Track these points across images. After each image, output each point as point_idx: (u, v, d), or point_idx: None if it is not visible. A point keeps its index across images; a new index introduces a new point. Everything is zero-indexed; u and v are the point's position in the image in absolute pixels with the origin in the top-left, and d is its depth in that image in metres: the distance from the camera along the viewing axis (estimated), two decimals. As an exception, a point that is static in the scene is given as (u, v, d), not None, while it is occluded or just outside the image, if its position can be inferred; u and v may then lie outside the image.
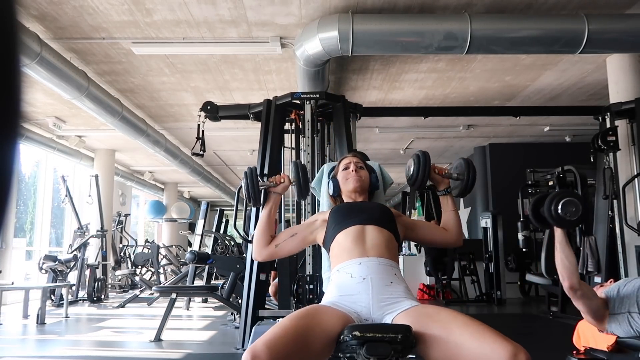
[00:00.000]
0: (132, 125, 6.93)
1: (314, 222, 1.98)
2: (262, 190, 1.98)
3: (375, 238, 1.78)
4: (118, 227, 10.50)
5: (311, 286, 3.67)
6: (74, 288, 7.71)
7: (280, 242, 1.95)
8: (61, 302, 6.94)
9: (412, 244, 9.45)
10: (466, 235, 10.91)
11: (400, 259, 1.80)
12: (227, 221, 10.00)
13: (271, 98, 4.50)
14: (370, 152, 8.94)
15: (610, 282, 2.58)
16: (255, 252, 1.97)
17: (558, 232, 2.26)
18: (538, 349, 3.92)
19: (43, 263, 7.35)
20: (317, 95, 4.36)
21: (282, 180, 2.00)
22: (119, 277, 9.81)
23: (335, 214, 1.91)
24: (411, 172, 2.00)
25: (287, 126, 4.64)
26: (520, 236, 7.44)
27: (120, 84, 6.37)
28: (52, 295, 7.53)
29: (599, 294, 2.42)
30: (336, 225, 1.85)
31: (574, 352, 2.53)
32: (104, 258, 8.90)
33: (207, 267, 7.02)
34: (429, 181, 2.01)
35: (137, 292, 8.41)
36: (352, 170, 2.03)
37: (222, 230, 8.72)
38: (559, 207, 2.16)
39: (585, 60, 5.72)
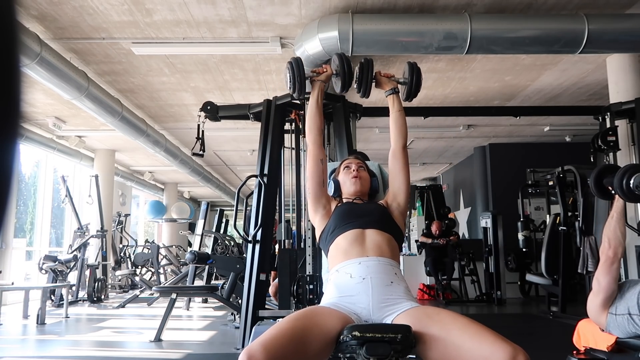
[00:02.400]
0: (132, 126, 6.93)
1: (327, 194, 1.99)
2: (307, 79, 2.05)
3: (375, 240, 1.77)
4: (118, 227, 10.50)
5: (311, 286, 3.67)
6: (74, 288, 7.71)
7: (322, 157, 1.99)
8: (61, 302, 6.94)
9: (412, 244, 9.45)
10: (466, 235, 10.91)
11: (400, 259, 1.78)
12: (227, 221, 10.00)
13: (271, 98, 4.50)
14: (370, 152, 8.90)
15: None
16: (310, 135, 2.01)
17: (620, 203, 2.35)
18: (538, 349, 3.92)
19: (43, 263, 7.35)
20: (317, 96, 4.36)
21: (325, 70, 2.09)
22: (119, 277, 9.81)
23: (336, 215, 1.89)
24: (355, 77, 2.06)
25: (287, 126, 4.64)
26: (520, 236, 7.44)
27: (120, 84, 6.38)
28: (52, 296, 7.52)
29: None
30: (335, 229, 1.84)
31: (574, 352, 2.53)
32: (104, 258, 8.90)
33: (207, 267, 7.02)
34: (376, 85, 2.08)
35: (137, 292, 8.41)
36: (354, 170, 2.03)
37: (222, 231, 8.72)
38: (632, 180, 2.24)
39: (585, 60, 5.72)
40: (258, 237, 4.16)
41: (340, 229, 1.82)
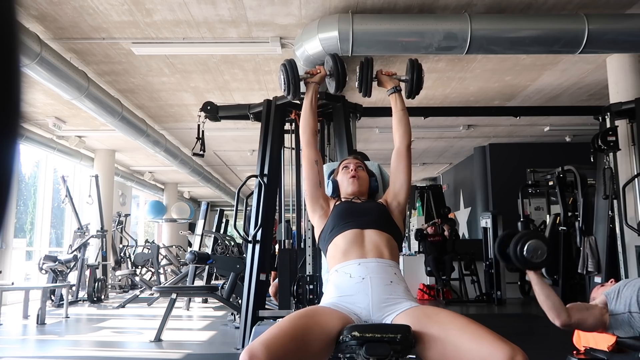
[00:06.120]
0: (132, 126, 6.93)
1: (324, 194, 1.98)
2: (301, 81, 2.06)
3: (374, 241, 1.77)
4: (118, 227, 10.50)
5: (311, 286, 3.67)
6: (74, 288, 7.71)
7: (317, 158, 1.98)
8: (61, 302, 6.94)
9: (412, 244, 9.44)
10: (466, 235, 10.91)
11: (400, 259, 1.78)
12: (227, 221, 10.00)
13: (271, 98, 4.50)
14: (370, 152, 8.91)
15: (611, 282, 2.58)
16: (303, 136, 2.00)
17: (531, 275, 2.19)
18: (538, 349, 3.92)
19: (43, 263, 7.35)
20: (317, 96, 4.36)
21: (318, 71, 2.09)
22: (119, 277, 9.81)
23: (335, 214, 1.89)
24: (357, 76, 2.05)
25: (287, 126, 4.64)
26: (520, 236, 7.42)
27: (120, 84, 6.38)
28: (52, 296, 7.52)
29: (599, 295, 2.42)
30: (334, 228, 1.83)
31: (574, 352, 2.53)
32: (104, 258, 8.90)
33: (207, 267, 7.02)
34: (378, 84, 2.08)
35: (137, 292, 8.41)
36: (352, 170, 2.02)
37: (222, 231, 8.72)
38: (525, 249, 2.09)
39: (585, 60, 5.72)
40: (258, 237, 4.16)
41: (338, 229, 1.82)
